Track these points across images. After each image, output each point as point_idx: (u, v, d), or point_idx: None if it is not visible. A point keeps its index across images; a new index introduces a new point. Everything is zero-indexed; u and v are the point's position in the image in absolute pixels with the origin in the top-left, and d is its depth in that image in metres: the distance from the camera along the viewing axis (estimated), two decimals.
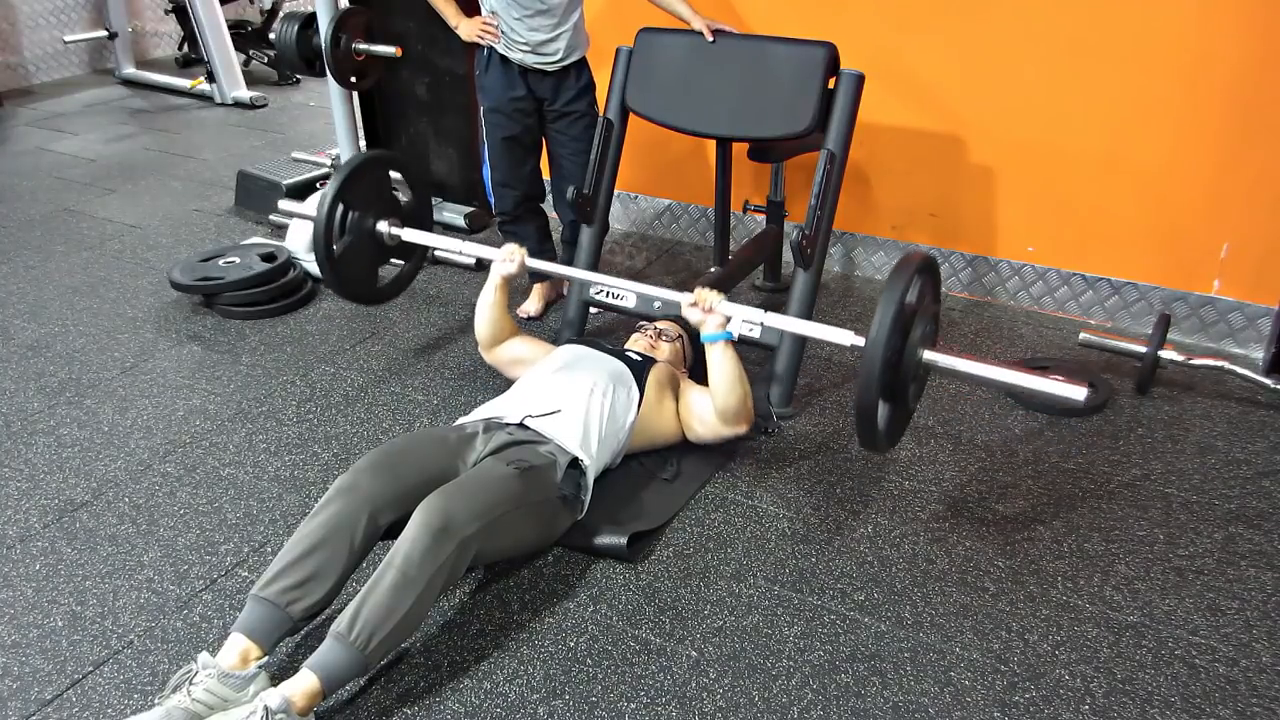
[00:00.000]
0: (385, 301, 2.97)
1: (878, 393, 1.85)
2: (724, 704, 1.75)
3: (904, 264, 1.88)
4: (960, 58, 3.08)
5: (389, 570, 1.71)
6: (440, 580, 1.75)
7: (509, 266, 2.48)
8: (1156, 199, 2.99)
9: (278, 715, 1.57)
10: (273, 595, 1.73)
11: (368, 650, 1.66)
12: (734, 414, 2.28)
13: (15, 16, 5.94)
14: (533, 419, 2.12)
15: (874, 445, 1.98)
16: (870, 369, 1.81)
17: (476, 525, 1.80)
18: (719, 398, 2.26)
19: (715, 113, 2.69)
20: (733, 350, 2.23)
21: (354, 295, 2.78)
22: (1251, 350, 2.99)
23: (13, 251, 3.68)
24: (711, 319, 2.22)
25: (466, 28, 2.87)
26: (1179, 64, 2.80)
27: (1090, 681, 1.81)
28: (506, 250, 2.49)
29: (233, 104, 5.72)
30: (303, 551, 1.77)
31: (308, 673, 1.64)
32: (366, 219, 2.63)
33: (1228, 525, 2.23)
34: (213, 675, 1.63)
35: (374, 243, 2.68)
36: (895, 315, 1.82)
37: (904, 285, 1.84)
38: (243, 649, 1.70)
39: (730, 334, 2.23)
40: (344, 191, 2.55)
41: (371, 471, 1.90)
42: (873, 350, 1.81)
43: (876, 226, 3.48)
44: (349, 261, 2.63)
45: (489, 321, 2.55)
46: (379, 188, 2.70)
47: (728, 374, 2.23)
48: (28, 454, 2.46)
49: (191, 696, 1.60)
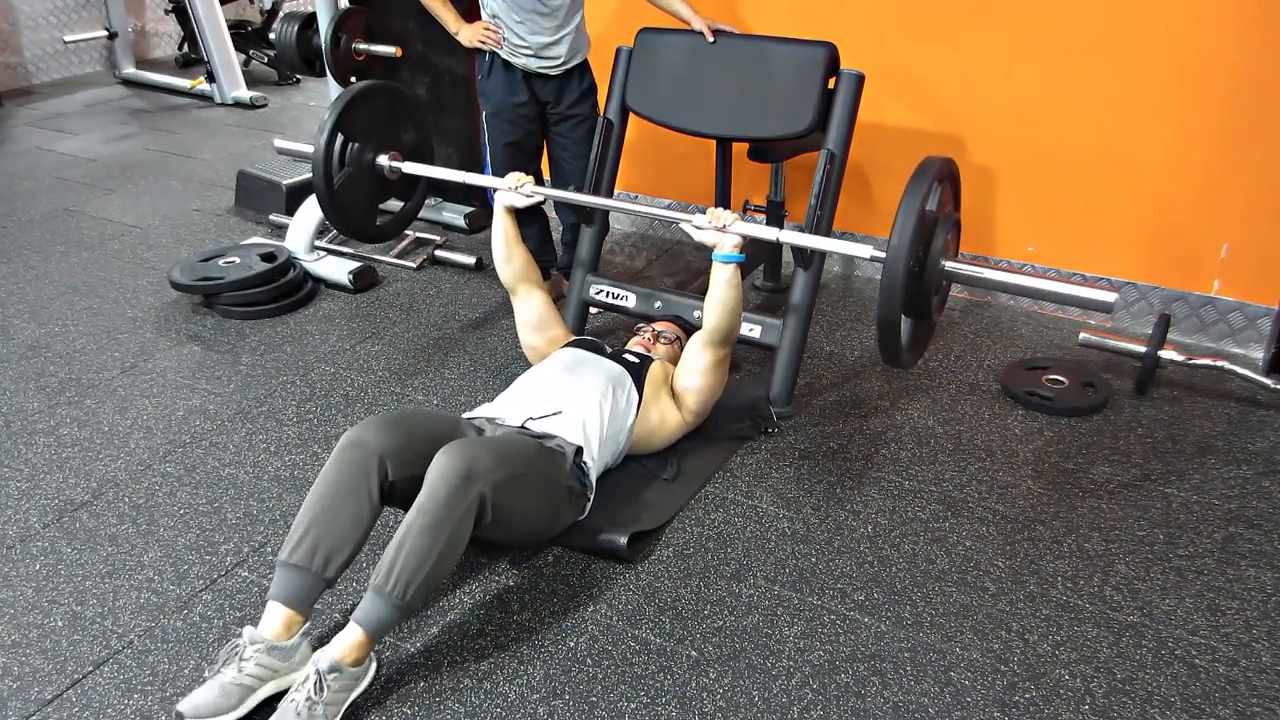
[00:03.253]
0: (386, 240, 2.93)
1: (900, 306, 1.79)
2: (724, 704, 1.75)
3: (923, 169, 1.79)
4: (960, 58, 3.08)
5: (417, 517, 1.73)
6: (466, 526, 1.75)
7: (514, 197, 2.46)
8: (1156, 199, 2.99)
9: (330, 675, 1.64)
10: (301, 560, 1.76)
11: (406, 598, 1.70)
12: (724, 335, 2.28)
13: (15, 16, 5.94)
14: (534, 421, 2.12)
15: (898, 361, 1.92)
16: (893, 281, 1.74)
17: (499, 475, 1.80)
18: (713, 318, 2.25)
19: (715, 113, 2.69)
20: (739, 275, 2.24)
21: (354, 230, 2.74)
22: (1251, 350, 2.99)
23: (13, 251, 3.68)
24: (726, 239, 2.21)
25: (468, 33, 2.86)
26: (1179, 64, 2.80)
27: (1090, 681, 1.81)
28: (512, 178, 2.48)
29: (233, 104, 5.72)
30: (321, 510, 1.79)
31: (354, 626, 1.70)
32: (366, 151, 2.60)
33: (1228, 525, 2.23)
34: (261, 649, 1.69)
35: (374, 177, 2.65)
36: (916, 224, 1.73)
37: (924, 192, 1.76)
38: (285, 617, 1.74)
39: (743, 256, 2.23)
40: (343, 121, 2.52)
41: (377, 426, 1.90)
42: (894, 262, 1.74)
43: (876, 226, 3.48)
44: (349, 195, 2.59)
45: (505, 256, 2.51)
46: (379, 120, 2.65)
47: (731, 297, 2.23)
48: (28, 454, 2.46)
49: (244, 671, 1.66)
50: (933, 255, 1.84)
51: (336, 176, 2.56)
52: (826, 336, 3.10)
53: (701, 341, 2.33)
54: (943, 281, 1.91)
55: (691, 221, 2.26)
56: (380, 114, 2.67)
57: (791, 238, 2.19)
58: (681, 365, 2.39)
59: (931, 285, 1.87)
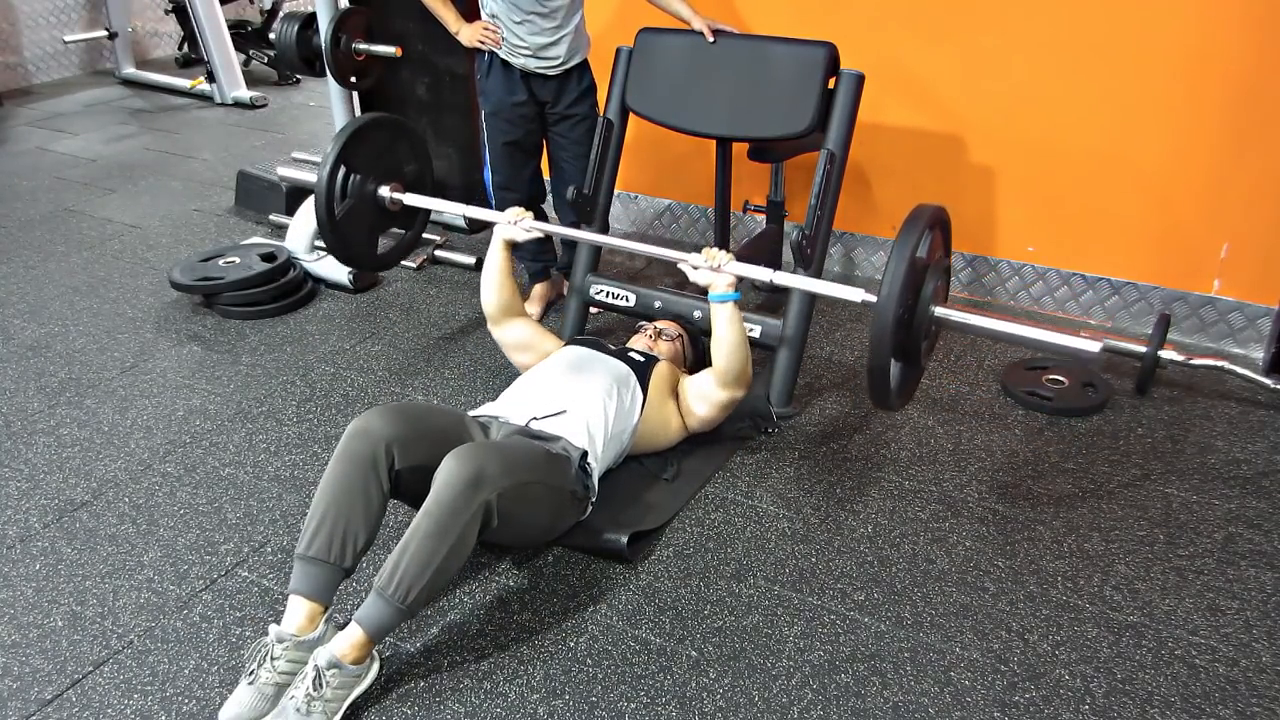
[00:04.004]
0: (385, 269, 2.95)
1: (890, 351, 1.82)
2: (724, 704, 1.75)
3: (915, 217, 1.82)
4: (960, 58, 3.08)
5: (423, 520, 1.73)
6: (472, 533, 1.76)
7: (514, 231, 2.46)
8: (1156, 199, 2.99)
9: (329, 671, 1.65)
10: (318, 553, 1.77)
11: (407, 602, 1.70)
12: (735, 377, 2.29)
13: (15, 16, 5.94)
14: (538, 420, 2.12)
15: (886, 404, 1.95)
16: (882, 327, 1.78)
17: (506, 482, 1.80)
18: (722, 359, 2.26)
19: (715, 113, 2.69)
20: (739, 313, 2.24)
21: (354, 260, 2.77)
22: (1251, 350, 2.99)
23: (13, 251, 3.68)
24: (720, 278, 2.23)
25: (468, 33, 2.86)
26: (1179, 64, 2.80)
27: (1090, 681, 1.81)
28: (511, 213, 2.48)
29: (233, 104, 5.72)
30: (334, 499, 1.80)
31: (354, 626, 1.70)
32: (368, 183, 2.62)
33: (1228, 525, 2.23)
34: (289, 646, 1.70)
35: (375, 207, 2.67)
36: (907, 271, 1.76)
37: (915, 240, 1.79)
38: (307, 610, 1.76)
39: (738, 295, 2.24)
40: (345, 154, 2.54)
41: (383, 415, 1.90)
42: (884, 308, 1.77)
43: (876, 226, 3.48)
44: (350, 226, 2.61)
45: (495, 288, 2.51)
46: (381, 151, 2.67)
47: (733, 336, 2.23)
48: (28, 454, 2.46)
49: (278, 670, 1.68)
50: (922, 302, 1.88)
51: (338, 207, 2.59)
52: (826, 336, 3.10)
53: (715, 382, 2.32)
54: (932, 327, 1.94)
55: (688, 261, 2.27)
56: (382, 146, 2.70)
57: (785, 279, 2.21)
58: (694, 389, 2.39)
59: (921, 331, 1.90)
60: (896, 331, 1.80)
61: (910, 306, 1.84)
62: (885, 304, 1.77)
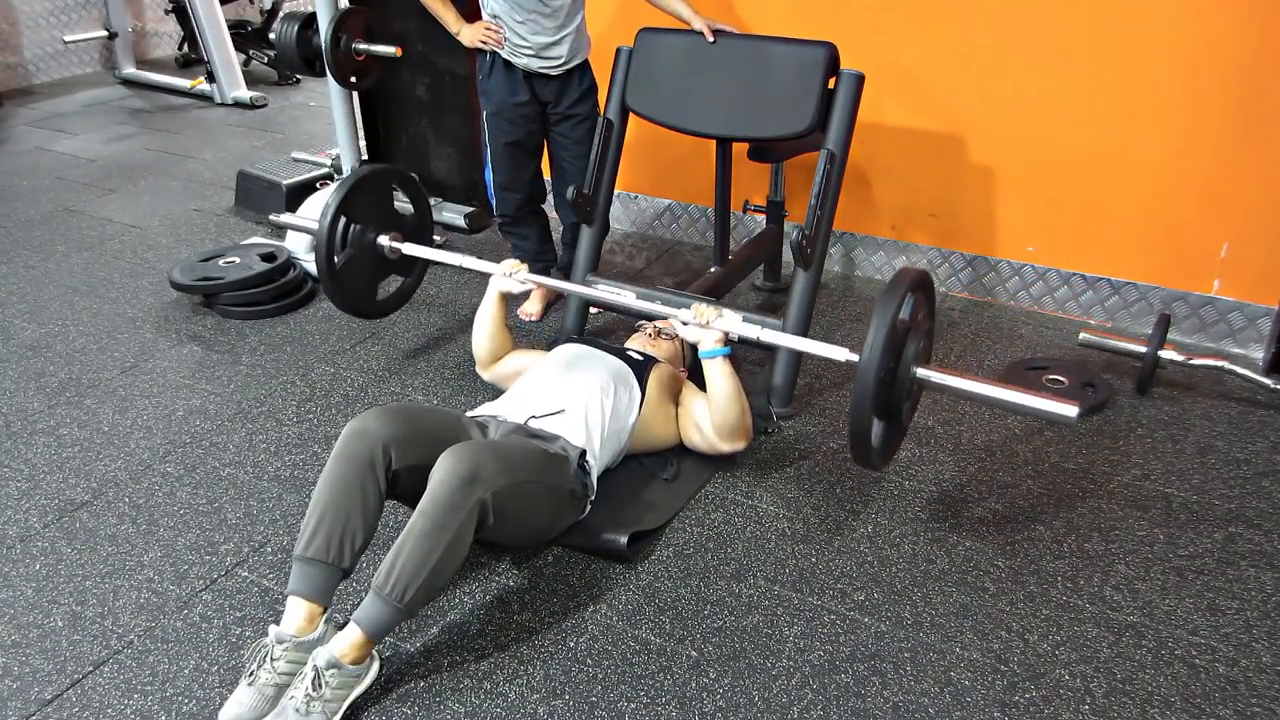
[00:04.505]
0: (384, 316, 2.98)
1: (871, 411, 1.86)
2: (724, 704, 1.75)
3: (898, 281, 1.89)
4: (960, 58, 3.08)
5: (419, 519, 1.73)
6: (468, 531, 1.76)
7: (509, 283, 2.45)
8: (1156, 199, 2.99)
9: (328, 672, 1.66)
10: (317, 553, 1.77)
11: (405, 601, 1.70)
12: (731, 429, 2.28)
13: (15, 16, 5.94)
14: (536, 419, 2.12)
15: (868, 463, 1.99)
16: (864, 388, 1.82)
17: (502, 480, 1.80)
18: (717, 414, 2.26)
19: (715, 113, 2.69)
20: (730, 366, 2.23)
21: (354, 309, 2.79)
22: (1251, 350, 2.99)
23: (13, 251, 3.68)
24: (709, 335, 2.22)
25: (469, 34, 2.86)
26: (1179, 64, 2.80)
27: (1090, 681, 1.81)
28: (507, 265, 2.47)
29: (233, 104, 5.72)
30: (331, 500, 1.80)
31: (353, 626, 1.71)
32: (368, 233, 2.65)
33: (1228, 525, 2.23)
34: (289, 646, 1.70)
35: (375, 257, 2.70)
36: (888, 334, 1.82)
37: (897, 303, 1.85)
38: (306, 611, 1.75)
39: (729, 350, 2.23)
40: (346, 205, 2.56)
41: (380, 415, 1.90)
42: (866, 369, 1.82)
43: (876, 226, 3.48)
44: (349, 275, 2.64)
45: (487, 337, 2.51)
46: (381, 201, 2.71)
47: (725, 390, 2.23)
48: (28, 454, 2.46)
49: (277, 671, 1.68)
50: (904, 364, 1.92)
51: (339, 257, 2.60)
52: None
53: (714, 432, 2.30)
54: (914, 388, 1.98)
55: (678, 317, 2.26)
56: (381, 196, 2.72)
57: (773, 337, 2.21)
58: (696, 420, 2.35)
59: (903, 392, 1.95)
60: (878, 393, 1.85)
61: (892, 370, 1.88)
62: (867, 365, 1.83)
